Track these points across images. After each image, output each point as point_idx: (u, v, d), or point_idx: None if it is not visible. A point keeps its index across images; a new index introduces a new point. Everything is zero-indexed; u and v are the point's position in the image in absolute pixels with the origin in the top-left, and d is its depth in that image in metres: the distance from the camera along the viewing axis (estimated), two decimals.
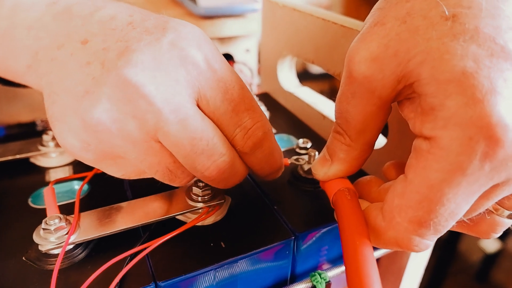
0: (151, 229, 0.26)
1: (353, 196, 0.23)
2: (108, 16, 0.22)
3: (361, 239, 0.20)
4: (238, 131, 0.23)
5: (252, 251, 0.25)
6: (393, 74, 0.19)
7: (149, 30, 0.22)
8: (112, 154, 0.22)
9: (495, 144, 0.16)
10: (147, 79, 0.20)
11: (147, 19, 0.23)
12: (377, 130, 0.22)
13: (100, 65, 0.21)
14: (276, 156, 0.26)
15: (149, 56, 0.20)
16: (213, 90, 0.22)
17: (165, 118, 0.20)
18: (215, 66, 0.22)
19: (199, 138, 0.21)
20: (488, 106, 0.16)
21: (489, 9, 0.17)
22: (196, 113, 0.21)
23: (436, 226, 0.19)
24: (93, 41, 0.21)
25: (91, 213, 0.25)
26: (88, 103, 0.20)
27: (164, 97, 0.20)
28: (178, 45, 0.21)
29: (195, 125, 0.21)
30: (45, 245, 0.23)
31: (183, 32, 0.22)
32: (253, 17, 0.50)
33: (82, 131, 0.21)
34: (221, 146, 0.22)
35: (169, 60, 0.21)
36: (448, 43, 0.17)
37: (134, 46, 0.21)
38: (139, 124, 0.20)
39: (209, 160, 0.22)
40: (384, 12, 0.20)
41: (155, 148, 0.21)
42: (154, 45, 0.21)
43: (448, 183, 0.18)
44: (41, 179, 0.31)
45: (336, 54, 0.33)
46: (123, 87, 0.20)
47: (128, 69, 0.20)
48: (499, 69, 0.17)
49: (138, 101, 0.20)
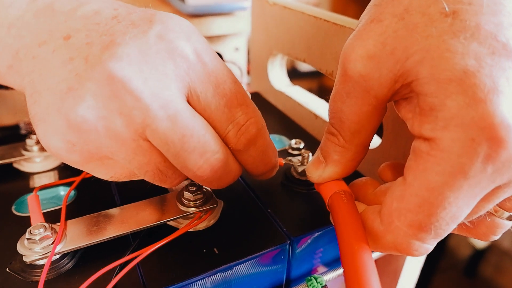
0: (141, 236, 0.25)
1: (350, 199, 0.22)
2: (91, 11, 0.22)
3: (359, 244, 0.19)
4: (231, 127, 0.22)
5: (246, 257, 0.24)
6: (391, 73, 0.19)
7: (135, 23, 0.21)
8: (99, 155, 0.21)
9: (498, 146, 0.16)
10: (134, 73, 0.19)
11: (133, 12, 0.22)
12: (372, 130, 0.22)
13: (84, 60, 0.20)
14: (270, 153, 0.25)
15: (136, 49, 0.20)
16: (203, 84, 0.21)
17: (153, 114, 0.19)
18: (205, 59, 0.21)
19: (190, 135, 0.20)
20: (491, 106, 0.16)
21: (490, 5, 0.17)
22: (186, 108, 0.20)
23: (437, 230, 0.18)
24: (76, 37, 0.20)
25: (78, 221, 0.24)
26: (71, 100, 0.19)
27: (152, 92, 0.19)
28: (166, 37, 0.20)
29: (185, 121, 0.20)
30: (30, 255, 0.22)
31: (170, 24, 0.21)
32: (242, 15, 0.49)
33: (66, 130, 0.20)
34: (214, 143, 0.21)
35: (157, 53, 0.20)
36: (448, 40, 0.17)
37: (119, 40, 0.20)
38: (126, 121, 0.19)
39: (201, 158, 0.21)
40: (380, 8, 0.19)
41: (144, 147, 0.20)
42: (141, 38, 0.20)
43: (449, 186, 0.17)
44: (25, 185, 0.30)
45: (328, 53, 0.32)
46: (108, 82, 0.19)
47: (113, 63, 0.19)
48: (501, 68, 0.16)
49: (125, 97, 0.19)
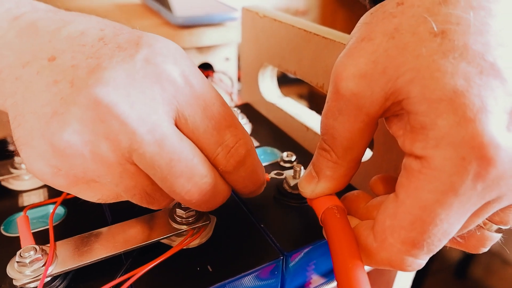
0: (134, 255, 0.25)
1: (342, 214, 0.23)
2: (77, 32, 0.21)
3: (353, 261, 0.19)
4: (220, 150, 0.22)
5: (240, 274, 0.24)
6: (382, 91, 0.19)
7: (122, 46, 0.21)
8: (85, 179, 0.21)
9: (487, 164, 0.16)
10: (120, 98, 0.19)
11: (120, 33, 0.21)
12: (364, 146, 0.22)
13: (69, 84, 0.19)
14: (259, 172, 0.25)
15: (122, 74, 0.19)
16: (191, 108, 0.21)
17: (140, 138, 0.19)
18: (193, 81, 0.21)
19: (177, 159, 0.20)
20: (480, 125, 0.16)
21: (477, 25, 0.17)
22: (174, 132, 0.20)
23: (429, 246, 0.19)
24: (61, 58, 0.20)
25: (68, 241, 0.24)
26: (56, 125, 0.19)
27: (139, 116, 0.19)
28: (153, 61, 0.20)
29: (172, 146, 0.20)
30: (20, 279, 0.21)
31: (157, 47, 0.21)
32: (232, 26, 0.49)
33: (51, 155, 0.19)
34: (202, 167, 0.21)
35: (144, 77, 0.20)
36: (438, 60, 0.17)
37: (105, 63, 0.19)
38: (112, 145, 0.19)
39: (189, 182, 0.21)
40: (371, 27, 0.20)
41: (130, 170, 0.20)
42: (128, 61, 0.20)
43: (441, 203, 0.17)
44: (14, 204, 0.30)
45: (318, 66, 0.33)
46: (94, 107, 0.19)
47: (100, 88, 0.19)
48: (489, 87, 0.16)
49: (111, 122, 0.19)
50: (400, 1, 0.19)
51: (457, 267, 1.41)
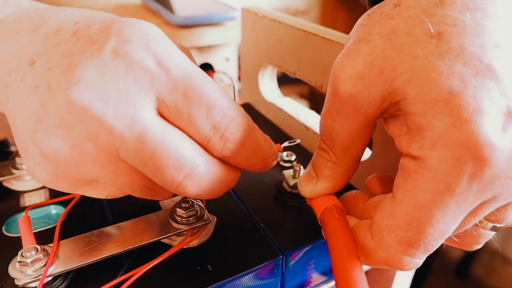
0: (135, 254, 0.25)
1: (341, 214, 0.23)
2: (53, 29, 0.20)
3: (351, 260, 0.20)
4: (212, 133, 0.20)
5: (240, 273, 0.24)
6: (379, 92, 0.19)
7: (93, 38, 0.20)
8: (84, 180, 0.21)
9: (482, 164, 0.16)
10: (93, 96, 0.18)
11: (92, 24, 0.20)
12: (362, 146, 0.22)
13: (47, 88, 0.19)
14: (264, 149, 0.22)
15: (92, 70, 0.18)
16: (171, 93, 0.19)
17: (119, 135, 0.18)
18: (168, 64, 0.19)
19: (161, 151, 0.19)
20: (475, 126, 0.16)
21: (473, 26, 0.17)
22: (155, 123, 0.19)
23: (426, 246, 0.19)
24: (39, 61, 0.20)
25: (70, 241, 0.24)
26: (41, 133, 0.19)
27: (115, 112, 0.18)
28: (122, 50, 0.19)
29: (155, 138, 0.18)
30: (22, 279, 0.21)
31: (126, 34, 0.19)
32: (232, 26, 0.49)
33: (45, 163, 0.19)
34: (192, 155, 0.19)
35: (115, 69, 0.18)
36: (434, 62, 0.17)
37: (76, 61, 0.19)
38: (97, 146, 0.19)
39: (179, 174, 0.19)
40: (368, 28, 0.20)
41: (123, 168, 0.20)
42: (97, 56, 0.19)
43: (437, 204, 0.18)
44: (15, 204, 0.30)
45: (317, 66, 0.33)
46: (70, 110, 0.18)
47: (72, 89, 0.18)
48: (485, 88, 0.16)
49: (89, 122, 0.18)
50: (397, 3, 0.19)
51: (458, 266, 1.41)
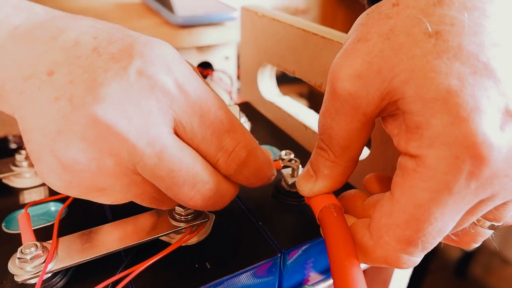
0: (133, 252, 0.25)
1: (339, 213, 0.23)
2: (71, 41, 0.21)
3: (349, 259, 0.20)
4: (220, 155, 0.22)
5: (238, 271, 0.24)
6: (378, 91, 0.19)
7: (115, 56, 0.21)
8: (96, 188, 0.22)
9: (480, 163, 0.16)
10: (118, 115, 0.19)
11: (113, 41, 0.21)
12: (361, 145, 0.22)
13: (69, 102, 0.20)
14: (264, 170, 0.24)
15: (117, 89, 0.19)
16: (188, 116, 0.21)
17: (141, 153, 0.19)
18: (187, 89, 0.21)
19: (179, 169, 0.20)
20: (473, 125, 0.16)
21: (471, 26, 0.17)
22: (174, 143, 0.20)
23: (424, 244, 0.19)
24: (58, 72, 0.20)
25: (69, 238, 0.24)
26: (62, 144, 0.19)
27: (138, 130, 0.19)
28: (146, 72, 0.20)
29: (173, 157, 0.20)
30: (22, 275, 0.22)
31: (150, 56, 0.21)
32: (231, 25, 0.49)
33: (61, 171, 0.20)
34: (204, 173, 0.21)
35: (139, 90, 0.20)
36: (432, 61, 0.17)
37: (100, 79, 0.20)
38: (116, 160, 0.20)
39: (192, 190, 0.21)
40: (367, 28, 0.20)
41: (137, 180, 0.21)
42: (121, 76, 0.20)
43: (435, 202, 0.18)
44: (15, 201, 0.30)
45: (317, 65, 0.33)
46: (94, 126, 0.19)
47: (97, 106, 0.19)
48: (483, 87, 0.17)
49: (111, 139, 0.19)
50: (395, 2, 0.19)
51: (456, 266, 1.41)
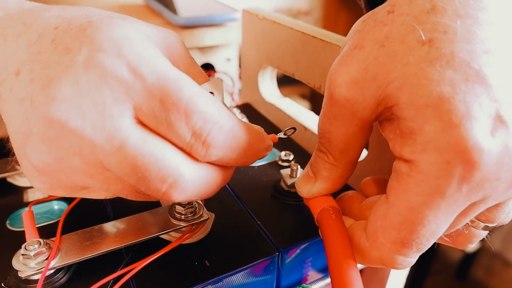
0: (134, 250, 0.25)
1: (337, 215, 0.23)
2: (35, 36, 0.20)
3: (346, 260, 0.20)
4: (193, 140, 0.19)
5: (236, 269, 0.25)
6: (373, 97, 0.19)
7: (68, 46, 0.19)
8: (79, 187, 0.21)
9: (471, 168, 0.17)
10: (70, 112, 0.18)
11: (69, 29, 0.20)
12: (359, 149, 0.23)
13: (30, 102, 0.19)
14: (255, 145, 0.22)
15: (67, 84, 0.18)
16: (148, 102, 0.18)
17: (100, 148, 0.18)
18: (143, 72, 0.18)
19: (142, 163, 0.18)
20: (464, 130, 0.17)
21: (463, 33, 0.18)
22: (135, 135, 0.18)
23: (418, 245, 0.20)
24: (23, 72, 0.19)
25: (71, 236, 0.25)
26: (30, 147, 0.19)
27: (93, 126, 0.18)
28: (94, 61, 0.18)
29: (134, 150, 0.18)
30: (25, 271, 0.22)
31: (98, 42, 0.18)
32: (233, 26, 0.50)
33: (37, 174, 0.20)
34: (175, 164, 0.19)
35: (88, 82, 0.18)
36: (425, 68, 0.18)
37: (52, 74, 0.18)
38: (82, 158, 0.19)
39: (163, 183, 0.19)
40: (362, 35, 0.20)
41: (112, 176, 0.20)
42: (71, 67, 0.18)
43: (428, 205, 0.18)
44: (19, 199, 0.31)
45: (316, 67, 0.33)
46: (51, 126, 0.18)
47: (50, 105, 0.18)
48: (474, 94, 0.17)
49: (70, 137, 0.18)
50: (390, 9, 0.20)
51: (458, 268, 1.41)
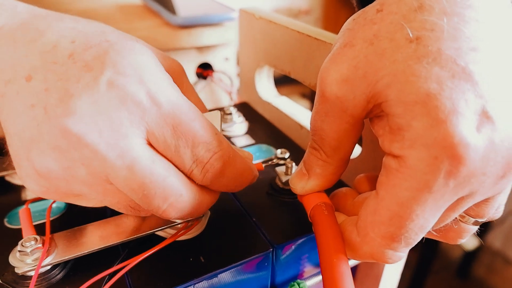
0: (130, 246, 0.26)
1: (330, 211, 0.24)
2: (50, 45, 0.21)
3: (337, 255, 0.21)
4: (194, 166, 0.22)
5: (231, 265, 0.25)
6: (363, 95, 0.20)
7: (89, 64, 0.20)
8: (73, 194, 0.22)
9: (458, 163, 0.17)
10: (88, 127, 0.19)
11: (89, 47, 0.21)
12: (351, 145, 0.23)
13: (43, 110, 0.20)
14: (244, 175, 0.25)
15: (88, 101, 0.19)
16: (160, 127, 0.21)
17: (111, 164, 0.19)
18: (160, 100, 0.20)
19: (149, 181, 0.20)
20: (451, 126, 0.17)
21: (450, 31, 0.18)
22: (145, 155, 0.20)
23: (407, 240, 0.20)
24: (35, 78, 0.20)
25: (68, 232, 0.25)
26: (35, 152, 0.20)
27: (108, 143, 0.19)
28: (116, 83, 0.20)
29: (144, 169, 0.20)
30: (22, 267, 0.23)
31: (122, 66, 0.20)
32: (231, 26, 0.50)
33: (37, 177, 0.20)
34: (177, 185, 0.21)
35: (109, 102, 0.19)
36: (413, 65, 0.18)
37: (72, 90, 0.20)
38: (89, 170, 0.20)
39: (164, 202, 0.21)
40: (353, 33, 0.21)
41: (111, 190, 0.21)
42: (92, 87, 0.20)
43: (416, 200, 0.18)
44: (17, 197, 0.31)
45: (311, 66, 0.34)
46: (65, 137, 0.19)
47: (68, 118, 0.19)
48: (461, 90, 0.17)
49: (83, 150, 0.19)
50: (379, 8, 0.20)
51: (459, 267, 1.41)
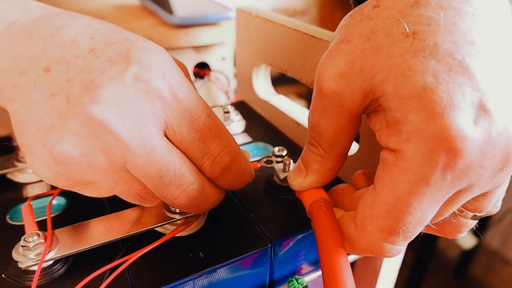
0: (130, 242, 0.26)
1: (328, 207, 0.24)
2: (69, 40, 0.22)
3: (336, 249, 0.21)
4: (206, 159, 0.24)
5: (230, 260, 0.25)
6: (360, 90, 0.20)
7: (112, 60, 0.22)
8: (84, 181, 0.23)
9: (455, 156, 0.17)
10: (113, 115, 0.20)
11: (110, 43, 0.22)
12: (348, 141, 0.23)
13: (65, 99, 0.21)
14: (246, 174, 0.26)
15: (114, 91, 0.20)
16: (179, 120, 0.22)
17: (132, 151, 0.21)
18: (180, 95, 0.22)
19: (166, 169, 0.22)
20: (448, 119, 0.17)
21: (446, 25, 0.18)
22: (163, 144, 0.22)
23: (405, 233, 0.20)
24: (55, 70, 0.21)
25: (69, 228, 0.25)
26: (55, 138, 0.20)
27: (131, 131, 0.20)
28: (142, 77, 0.21)
29: (162, 157, 0.21)
30: (24, 262, 0.23)
31: (147, 63, 0.22)
32: (228, 25, 0.50)
33: (52, 163, 0.21)
34: (190, 175, 0.23)
35: (134, 94, 0.21)
36: (409, 60, 0.18)
37: (97, 81, 0.21)
38: (107, 157, 0.21)
39: (178, 189, 0.23)
40: (349, 29, 0.21)
41: (125, 177, 0.22)
42: (118, 79, 0.21)
43: (413, 193, 0.19)
44: (19, 195, 0.31)
45: (308, 64, 0.34)
46: (90, 124, 0.20)
47: (93, 106, 0.20)
48: (457, 84, 0.17)
49: (105, 137, 0.20)
50: (376, 4, 0.20)
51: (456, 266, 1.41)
